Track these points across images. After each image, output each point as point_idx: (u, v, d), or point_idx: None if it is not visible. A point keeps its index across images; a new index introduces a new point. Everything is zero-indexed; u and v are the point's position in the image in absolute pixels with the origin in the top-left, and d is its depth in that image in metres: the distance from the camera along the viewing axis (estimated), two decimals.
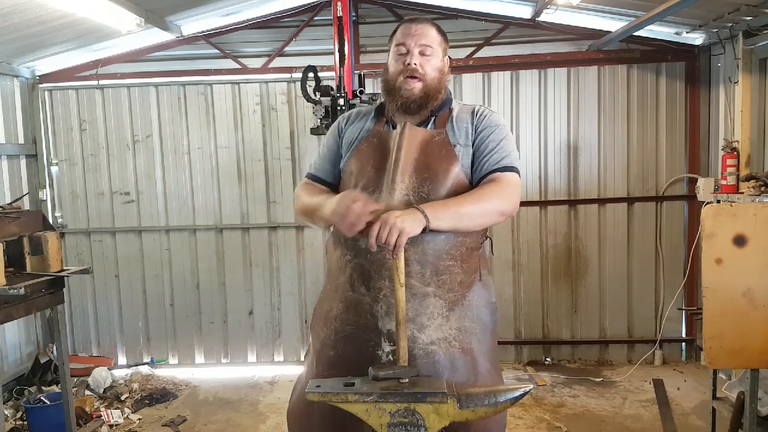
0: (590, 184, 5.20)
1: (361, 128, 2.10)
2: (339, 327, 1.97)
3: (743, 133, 4.30)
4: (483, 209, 1.88)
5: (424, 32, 1.99)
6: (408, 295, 1.83)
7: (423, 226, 1.75)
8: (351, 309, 1.95)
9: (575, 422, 4.14)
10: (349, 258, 1.97)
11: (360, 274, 1.93)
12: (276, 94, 5.30)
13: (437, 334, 1.91)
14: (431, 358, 1.89)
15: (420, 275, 1.90)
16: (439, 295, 1.92)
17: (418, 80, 1.96)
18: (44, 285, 3.48)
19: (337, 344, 1.97)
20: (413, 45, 1.98)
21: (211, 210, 5.41)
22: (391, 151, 1.95)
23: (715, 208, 2.54)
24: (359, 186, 1.95)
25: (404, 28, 2.03)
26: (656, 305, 5.24)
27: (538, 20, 5.02)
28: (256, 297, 5.47)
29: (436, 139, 1.97)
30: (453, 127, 2.01)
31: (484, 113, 2.04)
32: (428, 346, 1.89)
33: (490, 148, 1.97)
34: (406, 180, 1.90)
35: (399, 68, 1.99)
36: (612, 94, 5.13)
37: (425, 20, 2.07)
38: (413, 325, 1.89)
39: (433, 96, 2.00)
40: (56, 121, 5.41)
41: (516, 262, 5.31)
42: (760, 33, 4.11)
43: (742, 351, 2.50)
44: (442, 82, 2.03)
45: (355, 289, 1.94)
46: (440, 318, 1.92)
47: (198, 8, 4.79)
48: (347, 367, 1.86)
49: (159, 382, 5.12)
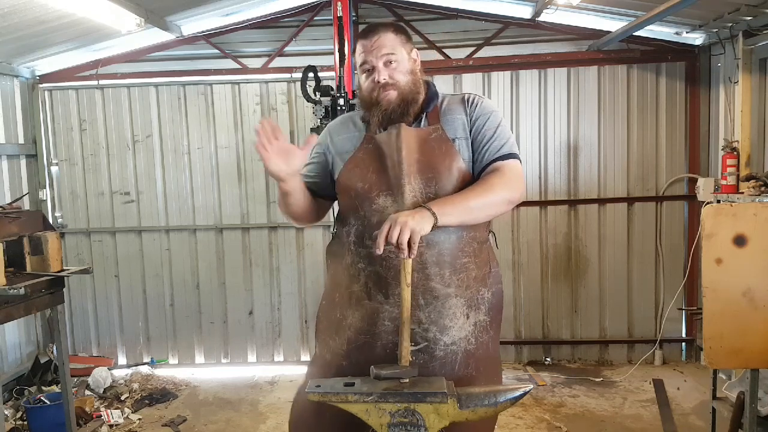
0: (590, 184, 5.20)
1: (352, 136, 2.05)
2: (352, 336, 1.96)
3: (743, 133, 4.30)
4: (489, 200, 1.88)
5: (382, 42, 1.94)
6: (430, 298, 1.87)
7: (432, 223, 1.75)
8: (367, 318, 1.94)
9: (575, 422, 4.13)
10: (363, 266, 1.95)
11: (376, 282, 1.92)
12: (276, 94, 5.30)
13: (459, 334, 1.93)
14: (450, 358, 1.92)
15: (440, 277, 1.90)
16: (459, 295, 1.93)
17: (392, 89, 1.93)
18: (44, 285, 3.48)
19: (350, 354, 1.96)
20: (375, 59, 1.93)
21: (211, 210, 5.41)
22: (390, 154, 1.92)
23: (715, 208, 2.54)
24: (363, 194, 1.93)
25: (362, 45, 1.97)
26: (656, 305, 5.24)
27: (538, 20, 5.01)
28: (256, 297, 5.47)
29: (433, 136, 1.95)
30: (446, 120, 1.98)
31: (475, 101, 2.02)
32: (449, 346, 1.92)
33: (488, 136, 1.96)
34: (411, 182, 1.89)
35: (371, 86, 1.95)
36: (612, 94, 5.13)
37: (380, 27, 2.00)
38: (436, 327, 1.90)
39: (413, 99, 1.96)
40: (56, 121, 5.41)
41: (516, 262, 5.31)
42: (760, 33, 4.11)
43: (742, 351, 2.50)
44: (417, 82, 1.99)
45: (372, 298, 1.93)
46: (462, 318, 1.94)
47: (198, 8, 4.79)
48: (361, 376, 1.85)
49: (159, 382, 5.12)
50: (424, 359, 1.88)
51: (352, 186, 1.96)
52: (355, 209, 1.96)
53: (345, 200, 2.01)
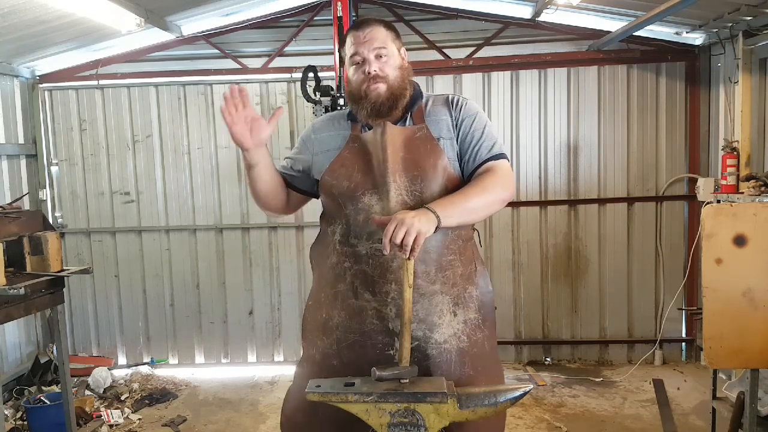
0: (590, 184, 5.20)
1: (336, 135, 2.04)
2: (341, 336, 1.95)
3: (743, 133, 4.30)
4: (488, 201, 1.89)
5: (374, 36, 1.95)
6: (416, 296, 1.85)
7: (436, 225, 1.76)
8: (355, 317, 1.93)
9: (575, 422, 4.14)
10: (348, 265, 1.94)
11: (363, 280, 1.92)
12: (276, 94, 5.30)
13: (448, 331, 1.92)
14: (444, 357, 1.91)
15: (425, 274, 1.90)
16: (445, 292, 1.93)
17: (382, 82, 1.93)
18: (44, 285, 3.48)
19: (340, 353, 1.95)
20: (367, 52, 1.94)
21: (211, 210, 5.41)
22: (375, 152, 1.93)
23: (715, 208, 2.54)
24: (348, 192, 1.92)
25: (353, 36, 1.97)
26: (656, 305, 5.24)
27: (538, 20, 5.01)
28: (256, 297, 5.47)
29: (418, 134, 1.96)
30: (431, 120, 1.99)
31: (460, 102, 2.03)
32: (441, 344, 1.91)
33: (477, 137, 1.97)
34: (397, 179, 1.89)
35: (360, 78, 1.95)
36: (612, 94, 5.13)
37: (371, 21, 2.00)
38: (424, 326, 1.90)
39: (401, 94, 1.96)
40: (56, 121, 5.41)
41: (516, 262, 5.31)
42: (760, 33, 4.11)
43: (742, 351, 2.50)
44: (405, 78, 1.99)
45: (359, 296, 1.93)
46: (449, 315, 1.94)
47: (198, 8, 4.79)
48: (353, 374, 1.84)
49: (159, 382, 5.12)
50: (418, 358, 1.87)
51: (338, 185, 1.95)
52: (340, 208, 1.95)
53: (329, 199, 1.99)
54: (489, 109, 5.19)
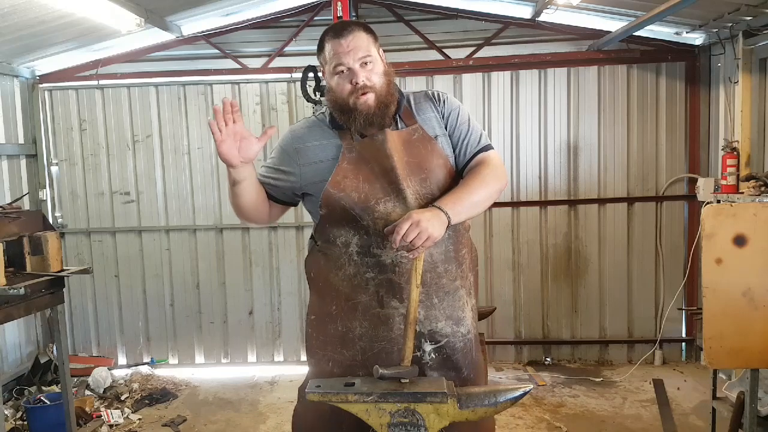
0: (590, 184, 5.20)
1: (326, 144, 1.98)
2: (366, 345, 1.94)
3: (743, 133, 4.30)
4: (489, 193, 1.94)
5: (357, 44, 1.87)
6: (442, 295, 1.93)
7: (446, 226, 1.80)
8: (380, 325, 1.93)
9: (575, 422, 4.14)
10: (372, 275, 1.92)
11: (389, 289, 1.91)
12: (276, 94, 5.30)
13: (469, 321, 2.01)
14: (468, 346, 1.99)
15: (448, 272, 1.96)
16: (463, 285, 2.01)
17: (370, 91, 1.88)
18: (44, 285, 3.48)
19: (366, 363, 1.92)
20: (352, 61, 1.86)
21: (211, 210, 5.41)
22: (379, 161, 1.90)
23: (715, 208, 2.53)
24: (360, 204, 1.89)
25: (335, 45, 1.88)
26: (656, 305, 5.23)
27: (538, 20, 5.01)
28: (256, 297, 5.47)
29: (415, 136, 1.97)
30: (422, 119, 2.00)
31: (442, 97, 2.05)
32: (466, 335, 1.99)
33: (465, 131, 2.01)
34: (410, 185, 1.90)
35: (347, 88, 1.88)
36: (612, 94, 5.13)
37: (352, 26, 1.92)
38: (452, 321, 1.96)
39: (390, 101, 1.93)
40: (56, 121, 5.41)
41: (516, 262, 5.31)
42: (760, 33, 4.11)
43: (742, 351, 2.50)
44: (391, 83, 1.95)
45: (385, 305, 1.92)
46: (468, 306, 2.02)
47: (198, 8, 4.79)
48: None
49: (159, 382, 5.12)
50: (447, 353, 1.93)
51: (346, 197, 1.90)
52: (354, 220, 1.91)
53: (337, 212, 1.93)
54: (489, 109, 5.20)
